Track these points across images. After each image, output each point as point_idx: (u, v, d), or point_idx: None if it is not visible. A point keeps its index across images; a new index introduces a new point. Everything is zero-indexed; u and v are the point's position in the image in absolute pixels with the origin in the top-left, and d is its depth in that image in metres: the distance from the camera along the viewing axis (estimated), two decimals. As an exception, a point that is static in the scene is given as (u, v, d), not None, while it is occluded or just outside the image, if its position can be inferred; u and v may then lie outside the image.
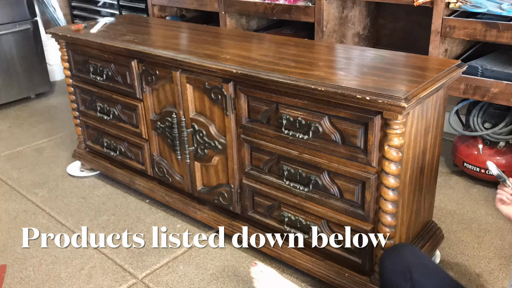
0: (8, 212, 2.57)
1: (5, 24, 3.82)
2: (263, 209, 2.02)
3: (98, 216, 2.50)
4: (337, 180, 1.73)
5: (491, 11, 2.28)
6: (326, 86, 1.59)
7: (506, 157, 2.51)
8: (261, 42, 2.28)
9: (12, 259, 2.20)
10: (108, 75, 2.41)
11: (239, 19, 3.34)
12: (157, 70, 2.14)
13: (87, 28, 2.58)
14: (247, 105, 1.88)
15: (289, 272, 2.05)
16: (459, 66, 1.77)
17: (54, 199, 2.68)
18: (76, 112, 2.78)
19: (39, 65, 4.11)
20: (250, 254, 2.16)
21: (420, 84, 1.57)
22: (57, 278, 2.08)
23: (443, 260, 2.09)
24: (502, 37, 2.23)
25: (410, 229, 1.86)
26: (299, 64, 1.84)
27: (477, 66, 2.37)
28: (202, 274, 2.07)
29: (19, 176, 2.94)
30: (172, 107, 2.16)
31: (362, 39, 3.15)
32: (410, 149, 1.66)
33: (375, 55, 1.95)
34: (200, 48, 2.13)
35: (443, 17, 2.36)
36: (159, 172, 2.39)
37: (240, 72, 1.80)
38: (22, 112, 3.96)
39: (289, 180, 1.86)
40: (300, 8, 2.84)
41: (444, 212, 2.42)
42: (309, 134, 1.71)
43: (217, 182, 2.15)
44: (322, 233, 1.84)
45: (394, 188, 1.59)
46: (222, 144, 2.02)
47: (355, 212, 1.72)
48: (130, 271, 2.10)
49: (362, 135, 1.60)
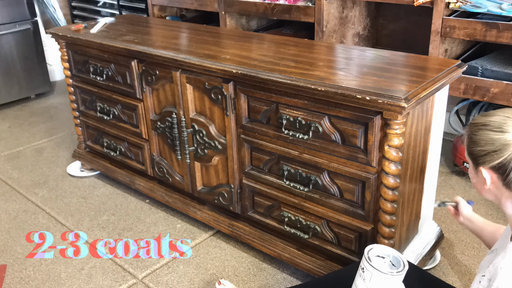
0: (8, 212, 2.58)
1: (5, 24, 3.82)
2: (263, 209, 2.02)
3: (98, 216, 2.50)
4: (337, 180, 1.73)
5: (491, 11, 2.28)
6: (326, 86, 1.59)
7: (506, 157, 2.51)
8: (261, 42, 2.28)
9: (12, 259, 2.20)
10: (108, 75, 2.41)
11: (239, 19, 3.34)
12: (157, 70, 2.14)
13: (87, 28, 2.58)
14: (247, 105, 1.88)
15: (289, 272, 2.05)
16: (459, 66, 1.77)
17: (54, 199, 2.68)
18: (76, 112, 2.78)
19: (39, 65, 4.11)
20: (250, 254, 2.16)
21: (420, 84, 1.57)
22: (57, 278, 2.08)
23: (443, 260, 2.09)
24: (502, 37, 2.23)
25: (410, 229, 1.86)
26: (299, 64, 1.84)
27: (477, 66, 2.37)
28: (202, 274, 2.07)
29: (19, 176, 2.94)
30: (172, 107, 2.16)
31: (362, 39, 3.15)
32: (410, 149, 1.66)
33: (375, 55, 1.95)
34: (200, 48, 2.13)
35: (443, 17, 2.36)
36: (159, 172, 2.39)
37: (240, 72, 1.80)
38: (22, 112, 3.96)
39: (289, 180, 1.86)
40: (300, 8, 2.84)
41: (444, 212, 2.42)
42: (309, 134, 1.71)
43: (217, 182, 2.15)
44: (322, 233, 1.84)
45: (394, 188, 1.59)
46: (222, 144, 2.02)
47: (355, 212, 1.72)
48: (130, 271, 2.10)
49: (362, 135, 1.60)
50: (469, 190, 2.61)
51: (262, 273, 2.06)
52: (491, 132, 1.16)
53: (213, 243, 2.25)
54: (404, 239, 1.84)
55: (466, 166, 2.64)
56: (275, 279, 2.02)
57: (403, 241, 1.84)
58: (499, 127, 1.15)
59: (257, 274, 2.05)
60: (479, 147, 1.18)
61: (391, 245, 1.68)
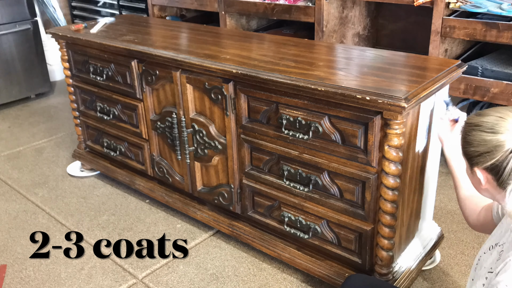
0: (8, 212, 2.58)
1: (5, 24, 3.82)
2: (263, 209, 2.02)
3: (98, 216, 2.50)
4: (337, 180, 1.73)
5: (491, 11, 2.28)
6: (326, 86, 1.59)
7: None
8: (261, 42, 2.28)
9: (12, 259, 2.20)
10: (108, 75, 2.41)
11: (239, 19, 3.34)
12: (157, 70, 2.14)
13: (87, 28, 2.58)
14: (247, 105, 1.88)
15: (289, 272, 2.05)
16: (459, 66, 1.77)
17: (54, 199, 2.68)
18: (76, 112, 2.78)
19: (39, 65, 4.11)
20: (250, 254, 2.16)
21: (420, 84, 1.57)
22: (57, 278, 2.08)
23: (443, 260, 2.09)
24: (502, 37, 2.23)
25: (410, 229, 1.86)
26: (299, 64, 1.84)
27: (477, 66, 2.37)
28: (202, 274, 2.07)
29: (19, 176, 2.94)
30: (172, 107, 2.16)
31: (362, 39, 3.15)
32: (410, 149, 1.66)
33: (375, 55, 1.95)
34: (200, 48, 2.13)
35: (443, 17, 2.36)
36: (159, 172, 2.39)
37: (240, 72, 1.80)
38: (22, 112, 3.96)
39: (289, 180, 1.86)
40: (300, 8, 2.84)
41: (444, 212, 2.42)
42: (309, 134, 1.71)
43: (217, 182, 2.15)
44: (322, 233, 1.84)
45: (394, 188, 1.59)
46: (222, 144, 2.02)
47: (355, 212, 1.72)
48: (130, 271, 2.10)
49: (362, 135, 1.60)
50: (469, 190, 2.61)
51: (262, 273, 2.06)
52: (484, 133, 1.16)
53: (213, 243, 2.25)
54: (404, 239, 1.84)
55: (466, 166, 2.64)
56: (275, 279, 2.02)
57: (403, 241, 1.84)
58: (491, 128, 1.15)
59: (257, 274, 2.05)
60: (472, 147, 1.18)
61: (391, 245, 1.68)
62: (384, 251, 1.69)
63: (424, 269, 2.02)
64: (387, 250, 1.69)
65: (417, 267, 1.88)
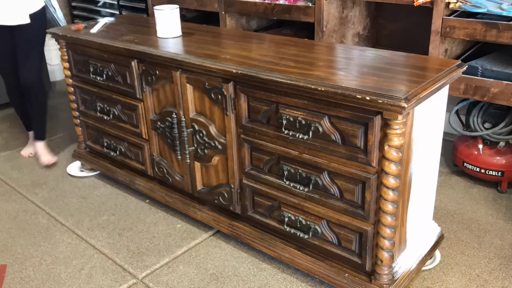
0: (8, 212, 2.58)
1: (5, 24, 3.81)
2: (263, 209, 2.02)
3: (98, 216, 2.50)
4: (337, 180, 1.73)
5: (491, 11, 2.28)
6: (326, 86, 1.59)
7: (506, 157, 2.51)
8: (261, 42, 2.28)
9: (12, 259, 2.20)
10: (108, 75, 2.41)
11: (239, 19, 3.34)
12: (157, 70, 2.14)
13: (87, 28, 2.58)
14: (247, 105, 1.88)
15: (289, 272, 2.05)
16: (459, 66, 1.77)
17: (54, 199, 2.68)
18: (76, 112, 2.78)
19: (39, 65, 4.10)
20: (250, 254, 2.16)
21: (420, 84, 1.57)
22: (57, 278, 2.08)
23: (443, 260, 2.09)
24: (502, 37, 2.23)
25: (409, 229, 1.86)
26: (299, 64, 1.84)
27: (477, 66, 2.37)
28: (202, 274, 2.07)
29: (19, 176, 2.94)
30: (172, 107, 2.16)
31: (362, 39, 3.15)
32: (410, 149, 1.66)
33: (375, 55, 1.95)
34: (200, 48, 2.13)
35: (443, 17, 2.36)
36: (159, 172, 2.39)
37: (240, 72, 1.80)
38: (22, 112, 3.95)
39: (289, 180, 1.86)
40: (300, 8, 2.84)
41: (444, 212, 2.42)
42: (309, 134, 1.71)
43: (217, 182, 2.15)
44: (322, 233, 1.84)
45: (394, 188, 1.59)
46: (222, 144, 2.02)
47: (355, 212, 1.72)
48: (130, 271, 2.10)
49: (362, 135, 1.60)
50: (469, 190, 2.62)
51: (262, 273, 2.06)
52: None
53: (213, 243, 2.25)
54: (404, 239, 1.84)
55: (466, 166, 2.64)
56: (275, 279, 2.02)
57: (403, 241, 1.84)
58: None
59: (257, 274, 2.05)
60: None
61: (391, 245, 1.68)
62: (384, 251, 1.69)
63: (424, 269, 2.02)
64: (387, 250, 1.69)
65: (417, 267, 1.88)
